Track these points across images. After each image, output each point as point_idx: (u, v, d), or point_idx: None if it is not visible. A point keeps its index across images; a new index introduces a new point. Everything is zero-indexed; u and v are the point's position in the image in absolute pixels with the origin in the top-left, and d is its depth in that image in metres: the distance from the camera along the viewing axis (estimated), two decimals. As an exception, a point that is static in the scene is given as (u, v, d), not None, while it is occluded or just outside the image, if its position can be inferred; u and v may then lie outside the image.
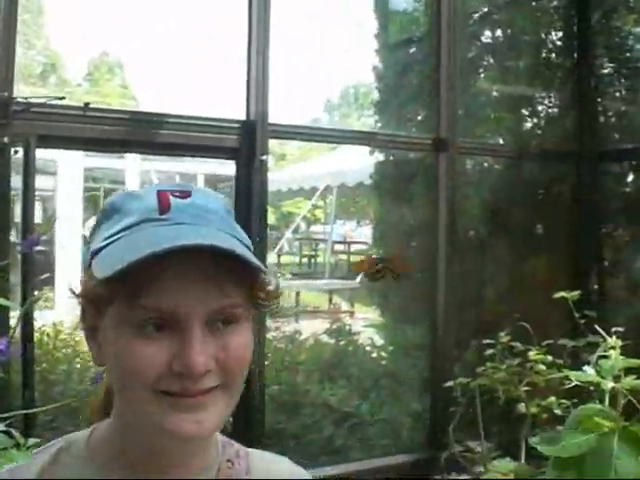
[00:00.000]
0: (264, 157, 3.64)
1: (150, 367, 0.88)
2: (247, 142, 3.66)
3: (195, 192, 0.97)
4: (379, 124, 5.96)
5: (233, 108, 3.87)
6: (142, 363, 0.88)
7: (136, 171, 11.43)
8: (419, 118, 5.44)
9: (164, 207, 0.94)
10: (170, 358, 0.89)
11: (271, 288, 1.00)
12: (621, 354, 2.80)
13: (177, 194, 0.96)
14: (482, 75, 5.56)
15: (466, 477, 3.76)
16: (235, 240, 0.94)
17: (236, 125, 3.68)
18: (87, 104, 3.40)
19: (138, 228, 0.92)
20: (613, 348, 2.80)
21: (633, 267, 5.06)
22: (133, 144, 3.66)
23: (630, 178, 5.27)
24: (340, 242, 15.48)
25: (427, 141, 4.47)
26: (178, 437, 0.90)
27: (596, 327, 3.08)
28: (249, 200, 3.65)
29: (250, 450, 1.10)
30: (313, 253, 15.68)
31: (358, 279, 11.17)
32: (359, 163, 7.36)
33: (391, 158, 5.47)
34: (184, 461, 0.98)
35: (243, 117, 3.74)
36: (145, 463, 0.97)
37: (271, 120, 3.76)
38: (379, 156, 5.51)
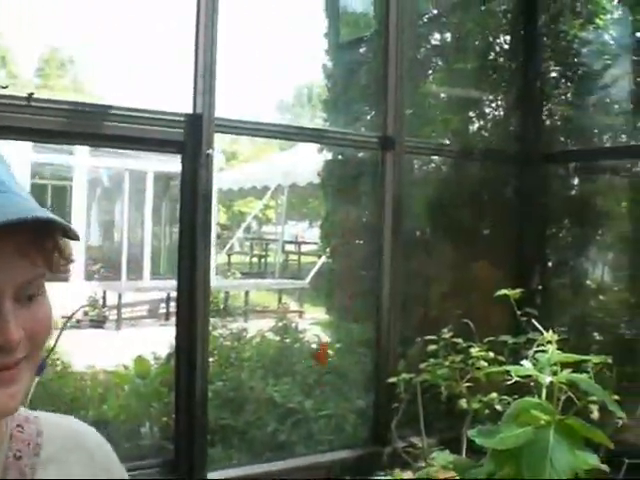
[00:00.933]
0: (210, 151, 3.62)
1: None
2: (193, 136, 3.63)
3: None
4: (328, 122, 5.99)
5: (183, 103, 3.84)
6: None
7: (85, 168, 11.31)
8: (368, 117, 5.47)
9: None
10: None
11: (69, 252, 0.94)
12: (561, 350, 2.86)
13: None
14: (431, 76, 5.61)
15: (409, 472, 3.78)
16: (37, 205, 0.88)
17: (182, 118, 3.65)
18: (31, 94, 3.34)
19: None
20: (550, 342, 2.85)
21: (576, 268, 5.15)
22: (77, 136, 3.60)
23: (574, 180, 5.36)
24: (291, 242, 15.53)
25: (373, 139, 4.49)
26: None
27: (534, 323, 3.13)
28: (195, 194, 3.62)
29: (39, 413, 1.07)
30: (264, 253, 15.67)
31: (307, 279, 11.21)
32: (310, 163, 7.37)
33: (340, 157, 5.49)
34: None
35: (190, 111, 3.72)
36: None
37: (218, 115, 3.73)
38: (328, 155, 5.54)
